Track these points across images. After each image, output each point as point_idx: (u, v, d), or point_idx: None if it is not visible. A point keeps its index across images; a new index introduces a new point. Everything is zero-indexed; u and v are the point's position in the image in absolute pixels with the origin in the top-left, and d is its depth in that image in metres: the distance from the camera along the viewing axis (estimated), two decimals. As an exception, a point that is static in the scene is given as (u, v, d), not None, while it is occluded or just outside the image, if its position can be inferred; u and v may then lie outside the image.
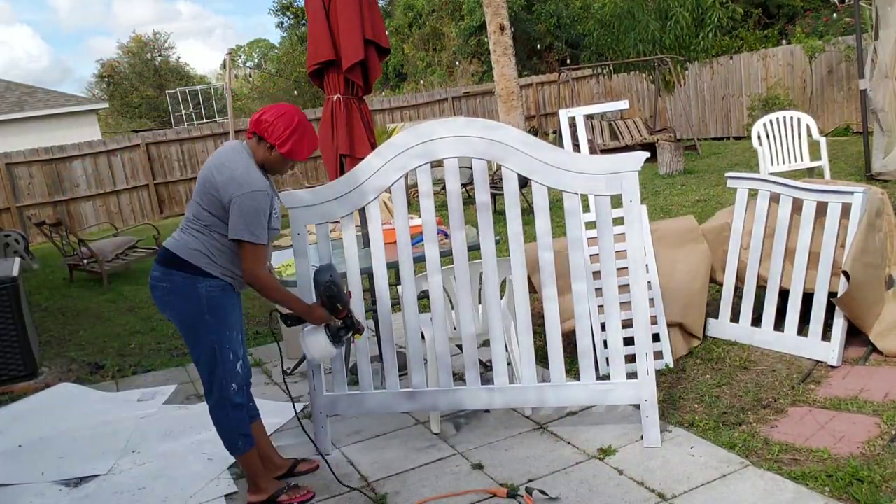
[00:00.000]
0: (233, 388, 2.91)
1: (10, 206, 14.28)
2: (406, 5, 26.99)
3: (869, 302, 3.70)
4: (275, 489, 3.02)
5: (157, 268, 2.91)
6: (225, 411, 2.93)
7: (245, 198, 2.73)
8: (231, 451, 3.00)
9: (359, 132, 4.16)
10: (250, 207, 2.73)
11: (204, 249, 2.82)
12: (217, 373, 2.89)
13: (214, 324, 2.84)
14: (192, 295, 2.82)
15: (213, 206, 2.79)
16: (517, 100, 10.29)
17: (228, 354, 2.88)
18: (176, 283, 2.84)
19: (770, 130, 7.61)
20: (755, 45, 15.69)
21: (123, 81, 40.39)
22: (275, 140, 2.81)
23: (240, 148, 2.86)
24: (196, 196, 2.85)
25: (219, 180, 2.77)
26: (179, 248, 2.84)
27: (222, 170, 2.78)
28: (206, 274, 2.82)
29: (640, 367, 3.08)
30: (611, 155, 3.08)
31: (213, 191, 2.78)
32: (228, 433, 2.95)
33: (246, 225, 2.74)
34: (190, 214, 2.88)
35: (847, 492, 2.58)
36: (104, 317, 7.01)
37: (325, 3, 4.03)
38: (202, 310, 2.82)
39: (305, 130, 2.85)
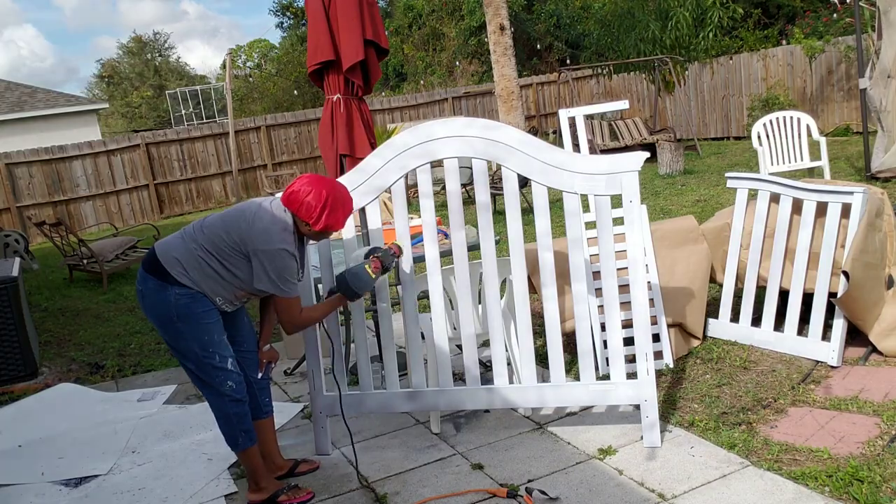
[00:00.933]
0: (229, 385, 2.88)
1: (10, 206, 14.29)
2: (406, 5, 26.99)
3: (869, 302, 3.71)
4: (275, 489, 3.01)
5: (140, 270, 2.88)
6: (224, 408, 2.91)
7: (274, 254, 2.73)
8: (232, 447, 2.98)
9: (359, 132, 4.16)
10: (278, 264, 2.73)
11: (182, 258, 2.78)
12: (208, 374, 2.86)
13: (189, 331, 2.80)
14: (162, 302, 2.78)
15: (234, 240, 2.76)
16: (517, 100, 10.30)
17: (214, 357, 2.84)
18: (149, 288, 2.81)
19: (770, 130, 7.61)
20: (755, 46, 15.69)
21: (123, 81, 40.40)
22: (307, 217, 2.79)
23: (286, 209, 2.83)
24: (225, 216, 2.83)
25: (257, 225, 2.74)
26: (161, 251, 2.83)
27: (264, 218, 2.76)
28: (176, 282, 2.77)
29: (640, 367, 3.08)
30: (611, 155, 3.08)
31: (244, 226, 2.76)
32: (228, 428, 2.93)
33: (273, 280, 2.75)
34: (201, 225, 2.85)
35: (847, 492, 2.58)
36: (104, 317, 7.01)
37: (325, 4, 4.03)
38: (173, 317, 2.79)
39: (336, 202, 2.81)
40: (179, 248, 2.81)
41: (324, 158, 4.30)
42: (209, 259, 2.77)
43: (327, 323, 3.28)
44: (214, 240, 2.78)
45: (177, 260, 2.78)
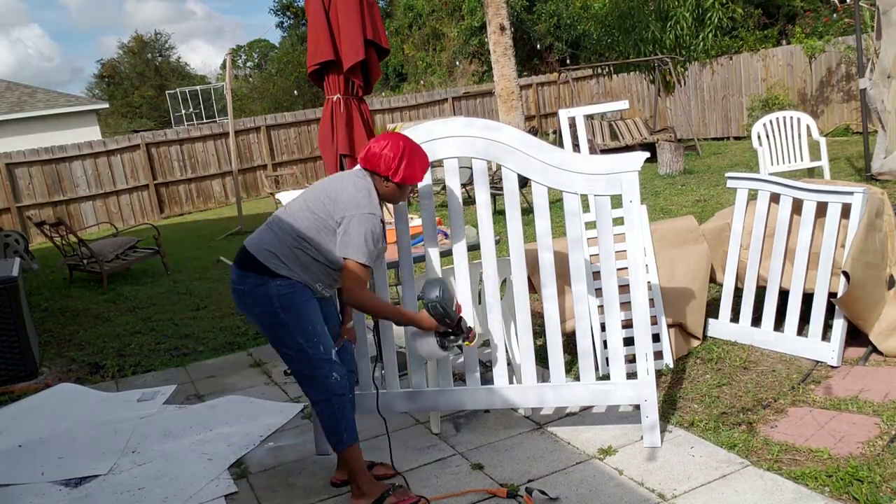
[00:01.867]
0: (334, 378, 2.82)
1: (10, 207, 14.28)
2: (406, 5, 27.00)
3: (869, 302, 3.70)
4: (380, 491, 2.87)
5: (234, 269, 2.87)
6: (328, 403, 2.83)
7: (361, 218, 2.71)
8: (335, 446, 2.89)
9: (359, 132, 4.16)
10: (364, 228, 2.71)
11: (277, 251, 2.77)
12: (313, 367, 2.81)
13: (292, 321, 2.77)
14: (264, 297, 2.76)
15: (321, 217, 2.76)
16: (517, 100, 10.30)
17: (318, 347, 2.81)
18: (249, 286, 2.79)
19: (770, 130, 7.61)
20: (755, 46, 15.68)
21: (124, 81, 40.41)
22: (386, 171, 2.80)
23: (363, 175, 2.85)
24: (307, 198, 2.83)
25: (343, 196, 2.76)
26: (254, 247, 2.81)
27: (348, 188, 2.78)
28: (275, 274, 2.76)
29: (640, 368, 3.08)
30: (611, 155, 3.08)
31: (328, 202, 2.76)
32: (333, 426, 2.85)
33: (356, 244, 2.71)
34: (287, 213, 2.84)
35: (847, 492, 2.58)
36: (104, 317, 7.01)
37: (325, 4, 4.03)
38: (276, 310, 2.76)
39: (413, 152, 2.83)
40: (272, 240, 2.80)
41: (324, 158, 4.31)
42: (303, 245, 2.76)
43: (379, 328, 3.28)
44: (304, 224, 2.77)
45: (272, 253, 2.77)
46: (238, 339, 5.64)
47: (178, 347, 5.64)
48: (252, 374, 4.76)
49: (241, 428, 3.85)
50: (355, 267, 2.73)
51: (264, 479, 3.28)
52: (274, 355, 5.06)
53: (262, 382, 4.58)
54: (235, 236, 11.48)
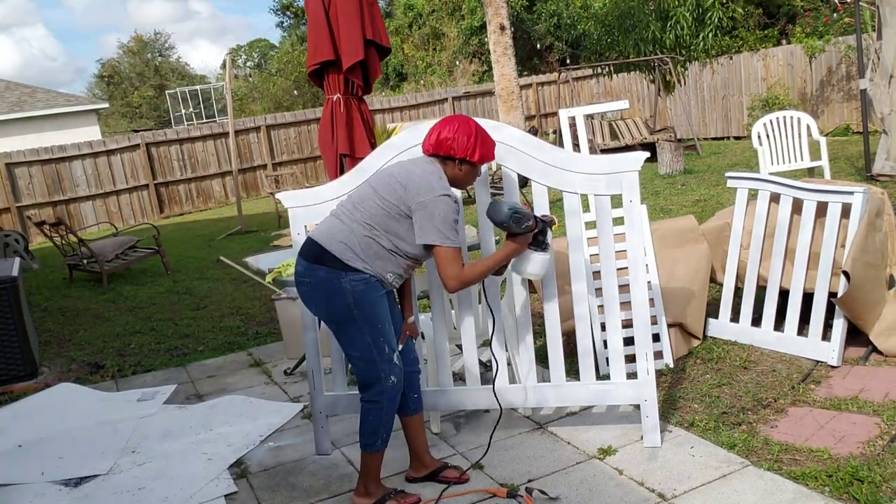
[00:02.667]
0: (391, 381, 2.78)
1: (10, 206, 14.28)
2: (406, 5, 27.00)
3: (869, 302, 3.70)
4: (382, 493, 2.89)
5: (301, 262, 2.78)
6: (379, 405, 2.79)
7: (437, 201, 2.65)
8: (365, 447, 2.84)
9: (359, 132, 4.17)
10: (444, 211, 2.65)
11: (349, 242, 2.70)
12: (376, 366, 2.76)
13: (363, 318, 2.72)
14: (336, 291, 2.69)
15: (392, 202, 2.69)
16: (517, 100, 10.29)
17: (384, 347, 2.76)
18: (319, 279, 2.71)
19: (770, 130, 7.61)
20: (755, 45, 15.69)
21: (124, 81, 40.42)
22: (464, 153, 2.74)
23: (430, 160, 2.79)
24: (375, 185, 2.76)
25: (413, 180, 2.69)
26: (324, 238, 2.73)
27: (416, 171, 2.72)
28: (349, 268, 2.69)
29: (640, 367, 3.08)
30: (611, 155, 3.08)
31: (399, 188, 2.70)
32: (374, 428, 2.80)
33: (437, 228, 2.64)
34: (353, 203, 2.77)
35: (847, 492, 2.58)
36: (104, 317, 7.01)
37: (325, 3, 4.03)
38: (349, 305, 2.70)
39: (483, 131, 2.80)
40: (342, 231, 2.73)
41: (324, 158, 4.31)
42: (374, 234, 2.70)
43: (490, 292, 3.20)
44: (373, 212, 2.71)
45: (344, 244, 2.70)
46: (238, 339, 5.64)
47: (178, 347, 5.64)
48: (252, 374, 4.76)
49: (241, 428, 3.84)
50: (446, 252, 2.66)
51: (264, 479, 3.28)
52: (274, 355, 5.07)
53: (262, 382, 4.58)
54: (235, 236, 11.48)
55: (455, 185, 2.83)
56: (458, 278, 2.69)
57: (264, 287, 6.87)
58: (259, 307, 6.54)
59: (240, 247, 10.24)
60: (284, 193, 3.36)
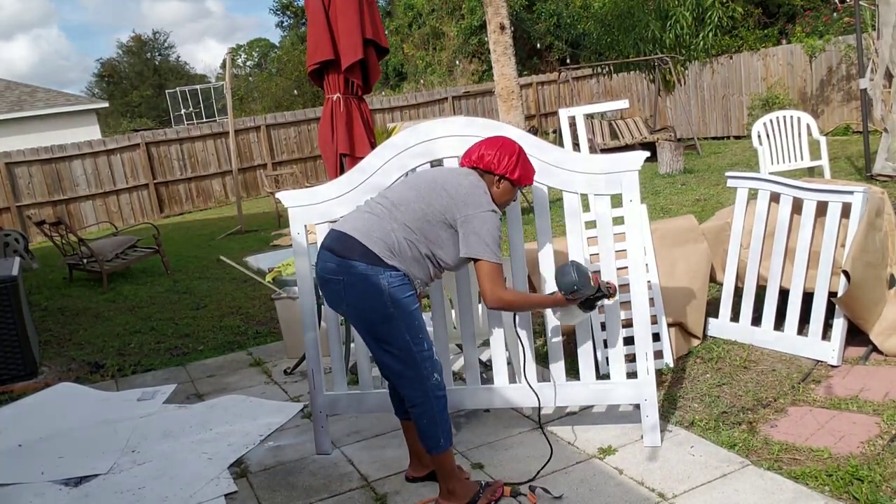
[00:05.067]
0: (435, 379, 2.72)
1: (10, 206, 14.28)
2: (406, 5, 26.99)
3: (869, 301, 3.70)
4: (472, 493, 2.79)
5: (331, 258, 2.64)
6: (429, 405, 2.71)
7: (485, 217, 2.64)
8: (431, 449, 2.74)
9: (358, 132, 4.16)
10: (491, 226, 2.64)
11: (389, 240, 2.62)
12: (416, 366, 2.68)
13: (401, 316, 2.63)
14: (375, 287, 2.58)
15: (438, 209, 2.66)
16: (517, 99, 10.29)
17: (423, 344, 2.69)
18: (355, 276, 2.59)
19: (770, 130, 7.61)
20: (755, 45, 15.69)
21: (123, 81, 40.41)
22: (504, 170, 2.73)
23: (474, 173, 2.77)
24: (418, 189, 2.71)
25: (461, 192, 2.67)
26: (360, 232, 2.63)
27: (464, 184, 2.70)
28: (387, 265, 2.61)
29: (640, 367, 3.08)
30: (611, 154, 3.08)
31: (445, 197, 2.67)
32: (432, 429, 2.72)
33: (486, 243, 2.63)
34: (392, 203, 2.71)
35: (847, 491, 2.58)
36: (104, 316, 7.01)
37: (324, 3, 4.03)
38: (386, 303, 2.60)
39: (524, 154, 2.81)
40: (382, 228, 2.64)
41: (324, 158, 4.31)
42: (413, 238, 2.65)
43: None
44: (416, 215, 2.66)
45: (382, 241, 2.62)
46: (238, 338, 5.64)
47: (177, 347, 5.64)
48: (252, 374, 4.76)
49: (240, 427, 3.84)
50: (490, 267, 2.64)
51: (264, 479, 3.28)
52: (274, 354, 5.07)
53: (262, 382, 4.58)
54: (235, 236, 11.48)
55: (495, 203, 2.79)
56: (501, 300, 2.69)
57: (264, 287, 6.86)
58: (259, 307, 6.54)
59: (240, 246, 10.23)
60: (284, 193, 3.35)
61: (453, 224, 2.67)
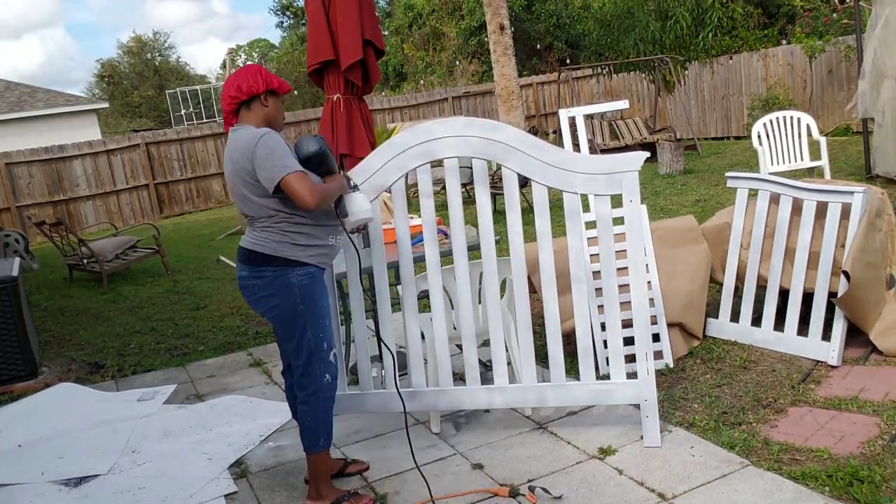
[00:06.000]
0: (326, 379, 2.85)
1: (10, 206, 14.27)
2: (406, 5, 26.97)
3: (869, 302, 3.70)
4: (336, 496, 2.91)
5: (243, 267, 2.86)
6: (316, 404, 2.85)
7: (260, 143, 2.66)
8: (309, 448, 2.88)
9: (359, 132, 4.16)
10: (269, 147, 2.66)
11: (286, 239, 2.77)
12: (313, 363, 2.83)
13: (308, 313, 2.79)
14: (284, 287, 2.77)
15: (255, 187, 2.72)
16: (517, 100, 10.29)
17: (322, 344, 2.84)
18: (266, 278, 2.79)
19: (770, 130, 7.61)
20: (755, 45, 15.68)
21: (123, 81, 40.39)
22: (264, 86, 2.78)
23: (234, 131, 2.82)
24: (240, 193, 2.79)
25: (238, 146, 2.72)
26: (261, 245, 2.79)
27: (236, 147, 2.74)
28: (295, 263, 2.77)
29: (640, 367, 3.08)
30: (611, 155, 3.08)
31: (243, 172, 2.71)
32: (313, 428, 2.86)
33: (275, 162, 2.65)
34: (249, 215, 2.84)
35: (847, 492, 2.58)
36: (104, 317, 7.01)
37: (324, 3, 4.03)
38: (296, 301, 2.77)
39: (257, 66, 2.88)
40: (270, 236, 2.78)
41: (324, 158, 4.30)
42: (285, 220, 2.75)
43: None
44: (262, 212, 2.75)
45: (284, 243, 2.76)
46: (238, 338, 5.64)
47: (178, 347, 5.64)
48: (252, 374, 4.76)
49: (241, 427, 3.84)
50: (293, 180, 2.64)
51: (264, 479, 3.28)
52: (274, 355, 5.06)
53: (262, 382, 4.58)
54: (235, 236, 11.48)
55: (274, 125, 2.85)
56: (313, 194, 2.67)
57: (264, 287, 6.86)
58: (259, 307, 6.54)
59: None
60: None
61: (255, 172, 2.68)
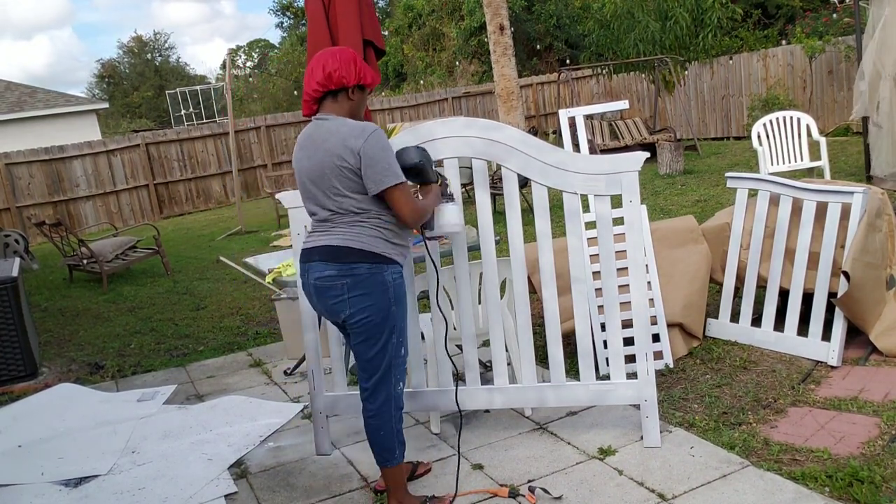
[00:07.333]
0: (400, 388, 2.73)
1: (10, 206, 14.28)
2: (406, 5, 26.97)
3: (869, 302, 3.70)
4: None
5: (328, 265, 2.60)
6: (388, 415, 2.70)
7: (372, 139, 2.51)
8: (384, 462, 2.72)
9: (359, 132, 4.16)
10: (381, 146, 2.52)
11: (380, 235, 2.61)
12: (391, 372, 2.68)
13: (399, 315, 2.65)
14: (379, 286, 2.59)
15: (352, 182, 2.56)
16: (517, 100, 10.29)
17: (401, 349, 2.71)
18: (360, 276, 2.57)
19: (770, 130, 7.61)
20: (755, 45, 15.70)
21: (123, 81, 40.41)
22: (356, 79, 2.62)
23: (319, 120, 2.65)
24: (329, 186, 2.59)
25: (333, 147, 2.54)
26: (353, 240, 2.58)
27: (328, 138, 2.57)
28: (389, 261, 2.61)
29: (640, 368, 3.08)
30: (611, 155, 3.08)
31: (341, 164, 2.53)
32: (388, 441, 2.70)
33: (387, 166, 2.52)
34: (332, 210, 2.63)
35: (847, 492, 2.58)
36: (104, 317, 7.01)
37: (324, 4, 4.03)
38: (390, 302, 2.61)
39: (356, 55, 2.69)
40: (359, 231, 2.60)
41: (324, 158, 4.30)
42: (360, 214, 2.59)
43: None
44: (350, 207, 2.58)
45: (377, 238, 2.60)
46: (238, 339, 5.64)
47: (177, 347, 5.64)
48: (252, 374, 4.76)
49: (241, 428, 3.84)
50: (398, 191, 2.55)
51: (264, 479, 3.28)
52: (274, 355, 5.07)
53: (262, 382, 4.58)
54: (235, 236, 11.48)
55: (357, 117, 2.72)
56: (416, 210, 2.63)
57: (264, 287, 6.86)
58: (259, 307, 6.54)
59: (240, 247, 10.23)
60: (284, 194, 3.36)
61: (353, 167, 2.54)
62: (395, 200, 2.57)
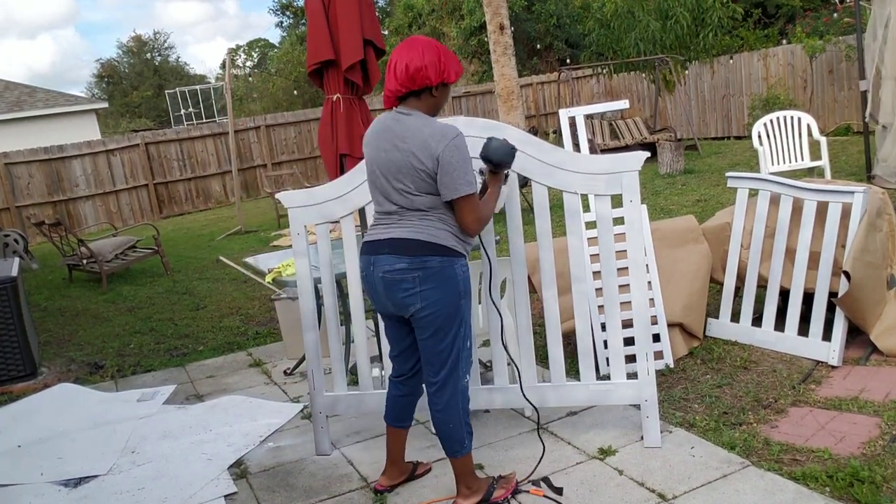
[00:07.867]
0: (466, 380, 2.73)
1: (10, 206, 14.27)
2: (406, 5, 26.96)
3: (870, 302, 3.70)
4: (486, 485, 2.78)
5: (398, 258, 2.56)
6: (456, 408, 2.67)
7: (452, 146, 2.48)
8: (454, 453, 2.69)
9: (359, 132, 4.15)
10: (462, 156, 2.49)
11: (449, 228, 2.58)
12: (458, 365, 2.66)
13: (466, 309, 2.63)
14: (450, 279, 2.56)
15: (425, 184, 2.53)
16: (517, 99, 10.28)
17: (467, 342, 2.69)
18: (432, 269, 2.54)
19: (770, 130, 7.61)
20: (755, 45, 15.69)
21: (123, 81, 40.42)
22: (444, 76, 2.56)
23: (400, 113, 2.61)
24: (399, 185, 2.57)
25: (412, 147, 2.51)
26: (424, 233, 2.56)
27: (406, 136, 2.54)
28: (458, 254, 2.59)
29: (641, 368, 3.08)
30: (611, 155, 3.08)
31: (418, 166, 2.51)
32: (457, 432, 2.67)
33: (464, 174, 2.49)
34: (397, 206, 2.60)
35: (847, 492, 2.58)
36: (104, 317, 7.00)
37: (324, 3, 4.02)
38: (459, 295, 2.59)
39: (441, 46, 2.61)
40: (428, 224, 2.57)
41: (323, 158, 4.30)
42: (429, 210, 2.57)
43: None
44: (413, 190, 2.54)
45: (447, 232, 2.58)
46: (238, 339, 5.64)
47: (177, 347, 5.64)
48: (252, 374, 4.76)
49: (240, 428, 3.84)
50: (473, 200, 2.52)
51: (264, 479, 3.28)
52: (274, 355, 5.06)
53: (262, 382, 4.57)
54: (235, 236, 11.48)
55: (434, 114, 2.68)
56: (480, 218, 2.60)
57: (264, 287, 6.86)
58: (259, 307, 6.54)
59: (240, 247, 10.23)
60: (284, 193, 3.35)
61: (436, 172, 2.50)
62: (461, 208, 2.55)
